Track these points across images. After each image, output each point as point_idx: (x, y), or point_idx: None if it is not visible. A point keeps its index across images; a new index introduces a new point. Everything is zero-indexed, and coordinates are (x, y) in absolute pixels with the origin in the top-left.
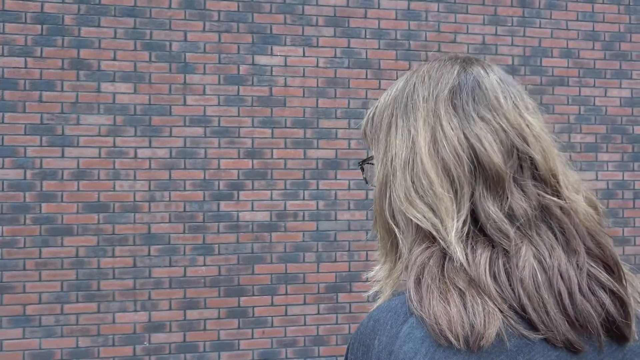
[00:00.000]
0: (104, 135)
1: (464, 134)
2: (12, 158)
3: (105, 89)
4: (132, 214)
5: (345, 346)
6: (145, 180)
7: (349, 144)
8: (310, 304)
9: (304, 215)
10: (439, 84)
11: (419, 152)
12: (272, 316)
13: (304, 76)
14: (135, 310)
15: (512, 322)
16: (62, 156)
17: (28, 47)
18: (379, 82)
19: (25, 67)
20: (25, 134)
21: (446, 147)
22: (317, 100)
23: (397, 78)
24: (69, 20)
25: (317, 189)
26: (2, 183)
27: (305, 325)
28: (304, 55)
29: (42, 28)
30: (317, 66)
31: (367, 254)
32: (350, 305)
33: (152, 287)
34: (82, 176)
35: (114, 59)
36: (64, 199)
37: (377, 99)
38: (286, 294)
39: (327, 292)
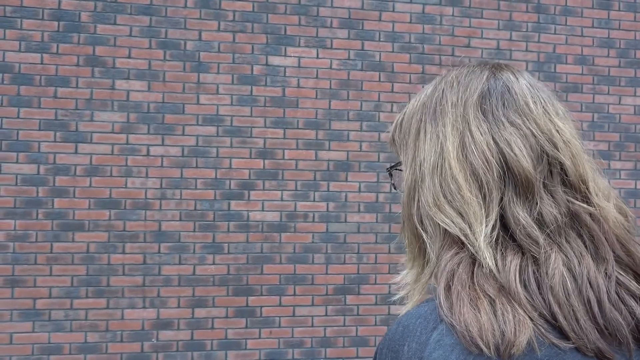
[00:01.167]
0: (117, 132)
1: (493, 138)
2: (26, 153)
3: (120, 86)
4: (143, 211)
5: (353, 349)
6: (157, 178)
7: (361, 146)
8: (318, 306)
9: (314, 217)
10: (468, 89)
11: (447, 157)
12: (279, 316)
13: (317, 77)
14: (144, 307)
15: (542, 330)
16: (76, 152)
17: (44, 44)
18: (392, 85)
19: (42, 63)
20: (39, 130)
21: (475, 152)
22: (330, 101)
23: (410, 81)
24: (85, 17)
25: (328, 190)
26: (16, 177)
27: (312, 326)
28: (317, 57)
29: (58, 25)
30: (330, 68)
31: (376, 256)
32: (358, 308)
33: (161, 285)
34: (94, 172)
35: (129, 57)
36: (76, 194)
37: (406, 105)
38: (294, 294)
39: (336, 293)
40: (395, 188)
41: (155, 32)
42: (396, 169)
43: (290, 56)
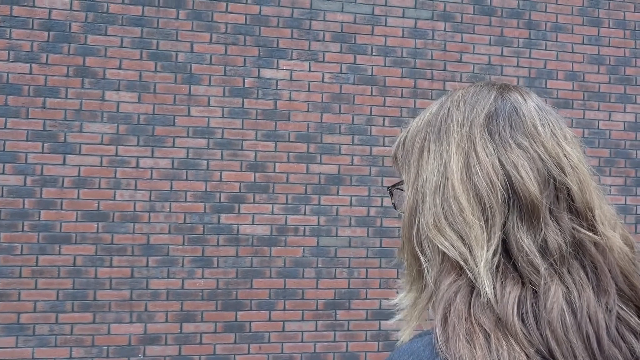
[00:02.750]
0: (106, 143)
1: (499, 160)
2: (13, 164)
3: (110, 97)
4: (132, 224)
5: None
6: (146, 190)
7: (352, 160)
8: (308, 321)
9: (304, 230)
10: (475, 109)
11: (450, 177)
12: (269, 332)
13: (309, 91)
14: (131, 322)
15: None
16: (64, 163)
17: (34, 53)
18: (384, 99)
19: (30, 73)
20: (27, 140)
21: (479, 173)
22: (322, 115)
23: (402, 95)
24: (76, 27)
25: (319, 204)
26: (2, 189)
27: (302, 342)
28: (309, 70)
29: (48, 35)
30: (322, 81)
31: (367, 271)
32: (348, 323)
33: (149, 299)
34: (82, 184)
35: (120, 68)
36: (63, 206)
37: (409, 123)
38: (284, 309)
39: (326, 308)
40: (395, 208)
41: (146, 44)
42: (397, 188)
43: (282, 69)
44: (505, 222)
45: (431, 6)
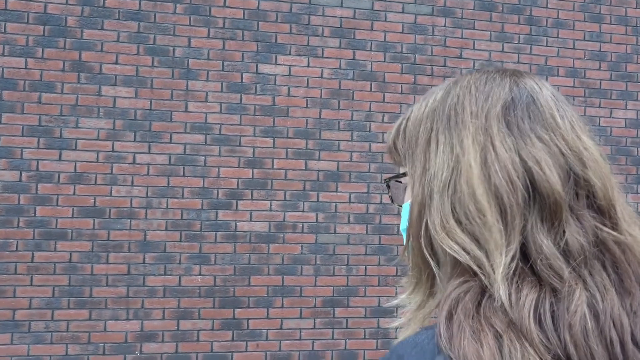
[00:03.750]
0: (102, 139)
1: (519, 155)
2: (8, 159)
3: (106, 92)
4: (128, 220)
5: None
6: (142, 187)
7: (351, 156)
8: (306, 318)
9: (302, 227)
10: (490, 98)
11: (465, 174)
12: (267, 329)
13: (307, 86)
14: (127, 319)
15: None
16: (60, 159)
17: (29, 48)
18: (383, 94)
19: (26, 68)
20: (22, 136)
21: (499, 172)
22: (320, 111)
23: (401, 92)
24: (72, 21)
25: (317, 200)
26: None
27: (300, 339)
28: (308, 66)
29: (44, 29)
30: (321, 77)
31: (365, 268)
32: (347, 321)
33: (146, 296)
34: (78, 180)
35: (116, 63)
36: (59, 202)
37: (409, 109)
38: (282, 306)
39: (324, 306)
40: (393, 201)
41: (143, 38)
42: (395, 181)
43: (281, 64)
44: (524, 224)
45: (431, 1)
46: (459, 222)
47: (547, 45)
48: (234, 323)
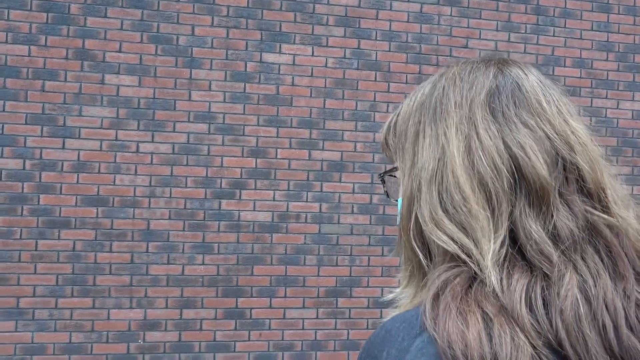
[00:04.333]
0: (106, 127)
1: (504, 142)
2: (11, 147)
3: (110, 80)
4: (132, 209)
5: (344, 353)
6: (146, 175)
7: (355, 146)
8: (309, 308)
9: (306, 217)
10: (474, 87)
11: (450, 163)
12: (269, 319)
13: (312, 76)
14: (130, 307)
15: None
16: (63, 147)
17: (32, 35)
18: (388, 84)
19: (29, 56)
20: (26, 124)
21: (483, 159)
22: (325, 100)
23: (406, 81)
24: (75, 9)
25: (321, 191)
26: (1, 172)
27: (303, 329)
28: (312, 55)
29: (47, 16)
30: (325, 66)
31: (369, 259)
32: (350, 311)
33: (149, 285)
34: (82, 169)
35: (120, 51)
36: (62, 191)
37: (400, 105)
38: (285, 296)
39: (327, 296)
40: (388, 196)
41: (147, 26)
42: (390, 175)
43: (285, 53)
44: (512, 210)
45: None
46: (446, 212)
47: (554, 35)
48: (237, 312)
